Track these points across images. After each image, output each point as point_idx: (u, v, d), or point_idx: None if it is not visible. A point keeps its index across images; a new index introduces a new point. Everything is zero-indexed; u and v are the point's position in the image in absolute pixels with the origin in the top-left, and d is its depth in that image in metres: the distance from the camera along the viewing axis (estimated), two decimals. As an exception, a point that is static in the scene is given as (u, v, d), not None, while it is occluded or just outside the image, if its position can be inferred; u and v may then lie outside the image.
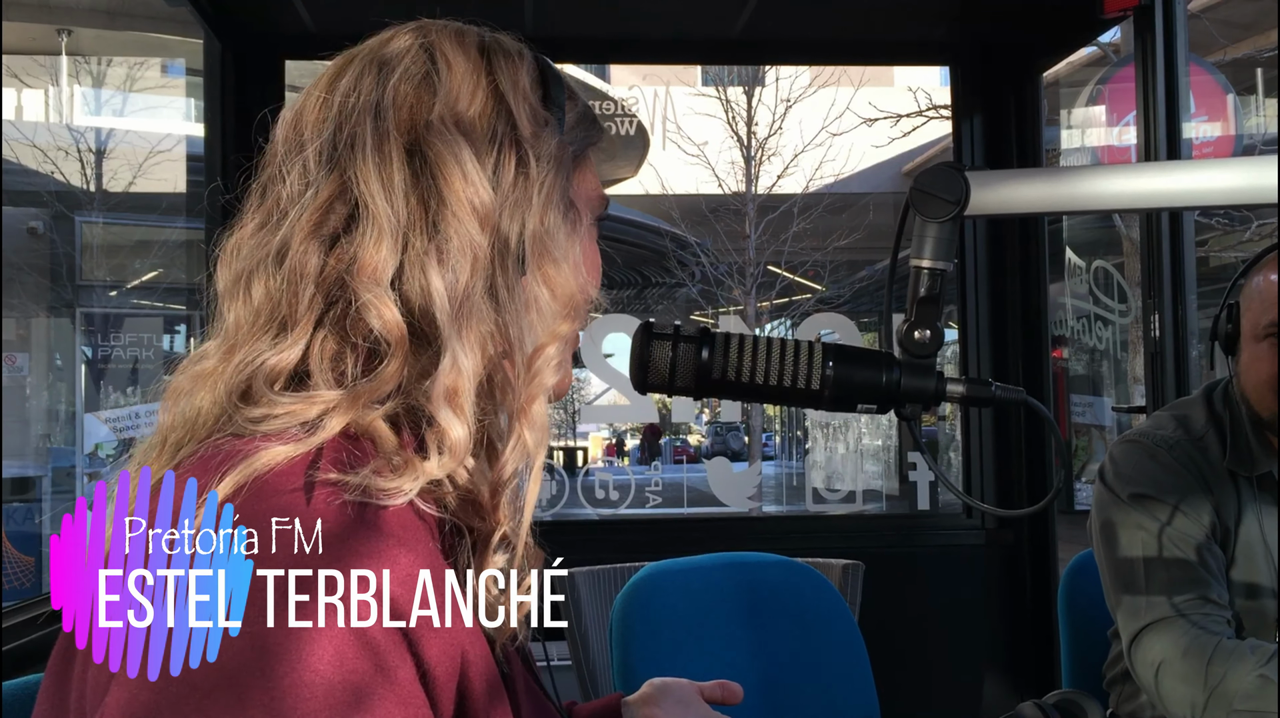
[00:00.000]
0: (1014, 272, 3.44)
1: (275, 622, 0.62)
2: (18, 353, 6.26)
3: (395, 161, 0.75)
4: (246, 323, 0.76)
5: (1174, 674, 1.57)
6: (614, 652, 1.74)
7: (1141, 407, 2.91)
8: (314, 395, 0.71)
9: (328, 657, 0.62)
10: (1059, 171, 0.90)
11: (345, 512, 0.66)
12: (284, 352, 0.73)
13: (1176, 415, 1.80)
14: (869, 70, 11.64)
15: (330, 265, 0.75)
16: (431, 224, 0.74)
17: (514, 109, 0.79)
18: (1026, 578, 3.37)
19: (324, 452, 0.68)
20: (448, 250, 0.74)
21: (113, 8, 7.42)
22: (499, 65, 0.81)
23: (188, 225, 6.08)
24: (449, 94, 0.78)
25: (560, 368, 0.77)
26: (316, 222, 0.75)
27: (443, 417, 0.71)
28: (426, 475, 0.70)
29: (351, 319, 0.74)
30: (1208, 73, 6.80)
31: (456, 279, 0.73)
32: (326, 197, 0.76)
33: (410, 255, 0.74)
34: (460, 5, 0.97)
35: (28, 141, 7.33)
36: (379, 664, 0.63)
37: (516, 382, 0.75)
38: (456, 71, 0.80)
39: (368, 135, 0.76)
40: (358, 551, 0.65)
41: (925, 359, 0.86)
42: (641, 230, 13.28)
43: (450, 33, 0.83)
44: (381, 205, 0.74)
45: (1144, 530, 1.68)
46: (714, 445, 18.71)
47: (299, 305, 0.74)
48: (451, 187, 0.75)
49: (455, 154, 0.75)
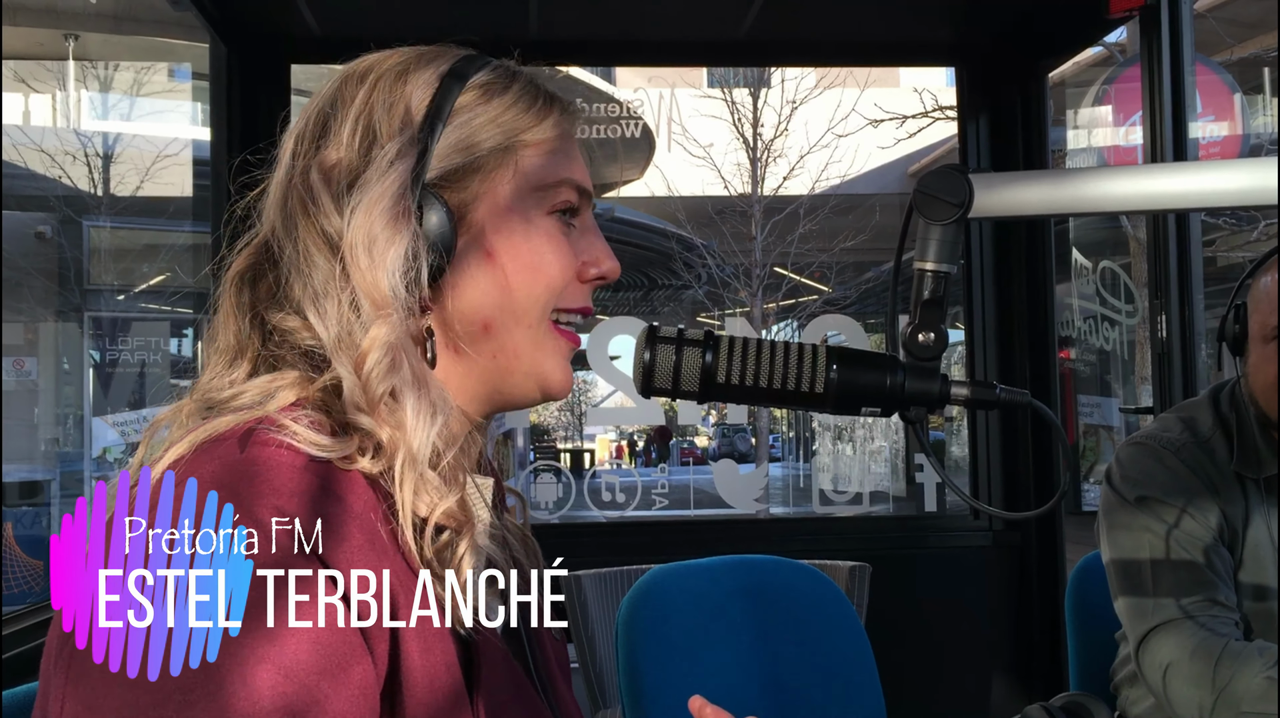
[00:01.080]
0: (1020, 273, 3.43)
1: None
2: (26, 357, 6.28)
3: (285, 208, 0.84)
4: (214, 359, 0.86)
5: (1182, 676, 1.56)
6: (620, 654, 1.74)
7: (1149, 407, 2.91)
8: (277, 376, 0.81)
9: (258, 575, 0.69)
10: (1062, 173, 0.90)
11: (265, 452, 0.73)
12: (236, 372, 0.83)
13: (1183, 418, 1.80)
14: (874, 71, 11.61)
15: (259, 301, 0.85)
16: (303, 266, 0.82)
17: (382, 135, 0.84)
18: (1034, 580, 3.36)
19: (273, 414, 0.77)
20: (314, 288, 0.81)
21: (119, 12, 7.44)
22: (380, 92, 0.86)
23: (195, 229, 6.10)
24: (332, 137, 0.85)
25: (394, 369, 0.80)
26: (247, 264, 0.86)
27: (364, 423, 0.78)
28: (357, 463, 0.77)
29: (285, 345, 0.83)
30: (1214, 72, 6.79)
31: (326, 311, 0.80)
32: (259, 242, 0.86)
33: (304, 294, 0.82)
34: (466, 11, 0.98)
35: (35, 146, 7.35)
36: (284, 563, 0.70)
37: (358, 388, 0.79)
38: (344, 112, 0.86)
39: (279, 185, 0.86)
40: (267, 483, 0.72)
41: (929, 362, 0.86)
42: (647, 232, 13.28)
43: (359, 69, 0.89)
44: (283, 248, 0.84)
45: (1151, 533, 1.68)
46: (721, 447, 18.70)
47: (241, 337, 0.85)
48: (305, 229, 0.83)
49: (314, 198, 0.83)
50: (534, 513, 4.08)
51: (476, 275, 0.85)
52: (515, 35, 3.09)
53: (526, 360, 0.87)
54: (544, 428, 20.03)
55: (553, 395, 0.90)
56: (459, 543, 0.78)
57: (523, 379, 0.88)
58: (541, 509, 4.14)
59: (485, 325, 0.86)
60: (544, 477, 4.38)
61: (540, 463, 4.47)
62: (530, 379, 0.88)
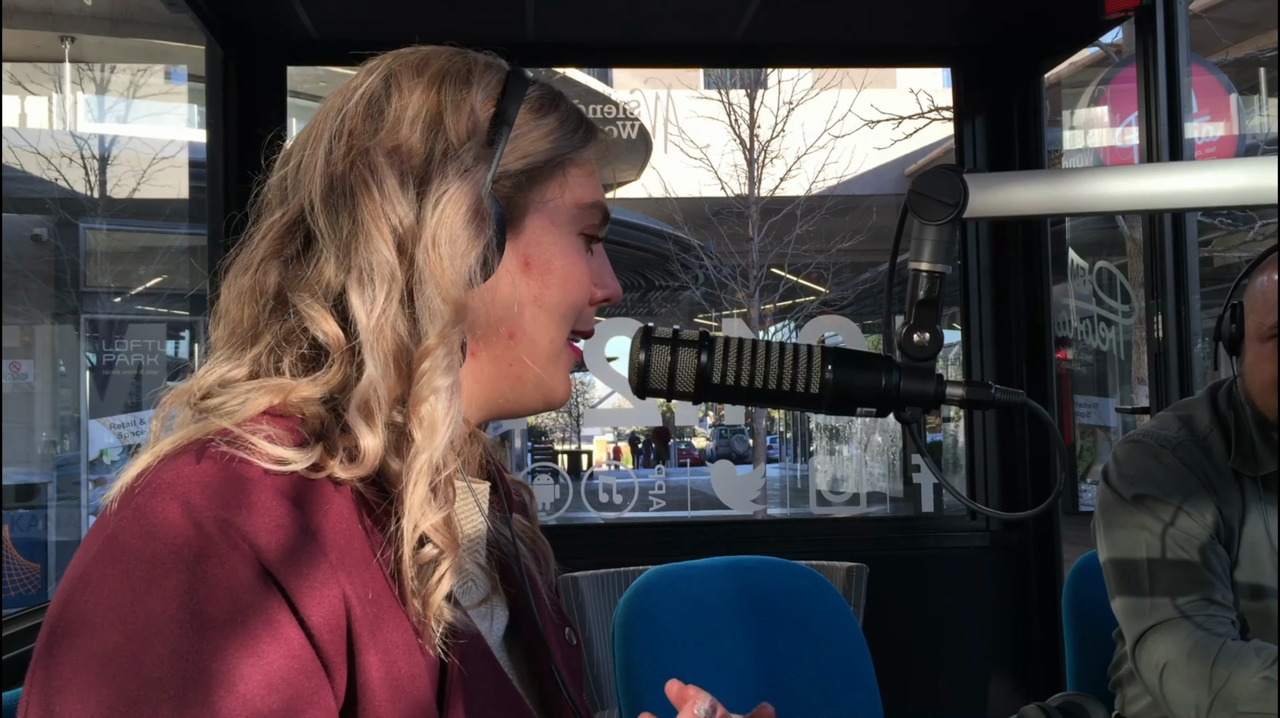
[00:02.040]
0: (1017, 273, 3.44)
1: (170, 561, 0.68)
2: (23, 360, 6.27)
3: (337, 189, 0.81)
4: (223, 341, 0.83)
5: (1178, 676, 1.56)
6: (616, 656, 1.74)
7: (1145, 407, 2.91)
8: (260, 383, 0.79)
9: (214, 597, 0.67)
10: (1057, 174, 0.90)
11: (230, 469, 0.71)
12: (237, 368, 0.80)
13: (1180, 416, 1.80)
14: (871, 72, 11.62)
15: (286, 284, 0.81)
16: (355, 250, 0.79)
17: (451, 131, 0.83)
18: (1031, 580, 3.36)
19: (240, 424, 0.75)
20: (368, 274, 0.79)
21: (116, 14, 7.44)
22: (447, 89, 0.85)
23: (191, 231, 6.10)
24: (395, 122, 0.83)
25: (450, 370, 0.79)
26: (276, 245, 0.82)
27: (358, 428, 0.76)
28: (328, 470, 0.75)
29: (296, 333, 0.80)
30: (1210, 73, 6.80)
31: (374, 301, 0.78)
32: (288, 220, 0.83)
33: (347, 278, 0.79)
34: (462, 13, 0.98)
35: (32, 149, 7.34)
36: (265, 618, 0.68)
37: (403, 386, 0.78)
38: (404, 99, 0.84)
39: (319, 163, 0.83)
40: (234, 501, 0.70)
41: (925, 362, 0.86)
42: (645, 234, 13.28)
43: (415, 60, 0.87)
44: (325, 228, 0.81)
45: (1147, 531, 1.68)
46: (718, 448, 18.70)
47: (259, 323, 0.82)
48: (367, 211, 0.80)
49: (376, 179, 0.80)
50: (532, 514, 4.07)
51: (512, 283, 0.85)
52: (512, 36, 3.09)
53: (538, 371, 0.88)
54: (541, 429, 20.03)
55: (553, 406, 0.91)
56: (440, 562, 0.76)
57: (531, 389, 0.88)
58: (539, 511, 4.13)
59: (510, 333, 0.86)
60: (541, 478, 4.38)
61: (538, 464, 4.47)
62: (538, 390, 0.89)
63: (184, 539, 0.68)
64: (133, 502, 0.70)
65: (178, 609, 0.66)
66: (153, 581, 0.67)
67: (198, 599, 0.67)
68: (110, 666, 0.66)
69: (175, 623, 0.66)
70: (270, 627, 0.68)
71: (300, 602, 0.70)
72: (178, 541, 0.68)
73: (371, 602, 0.73)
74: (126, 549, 0.68)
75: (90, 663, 0.66)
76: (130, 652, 0.66)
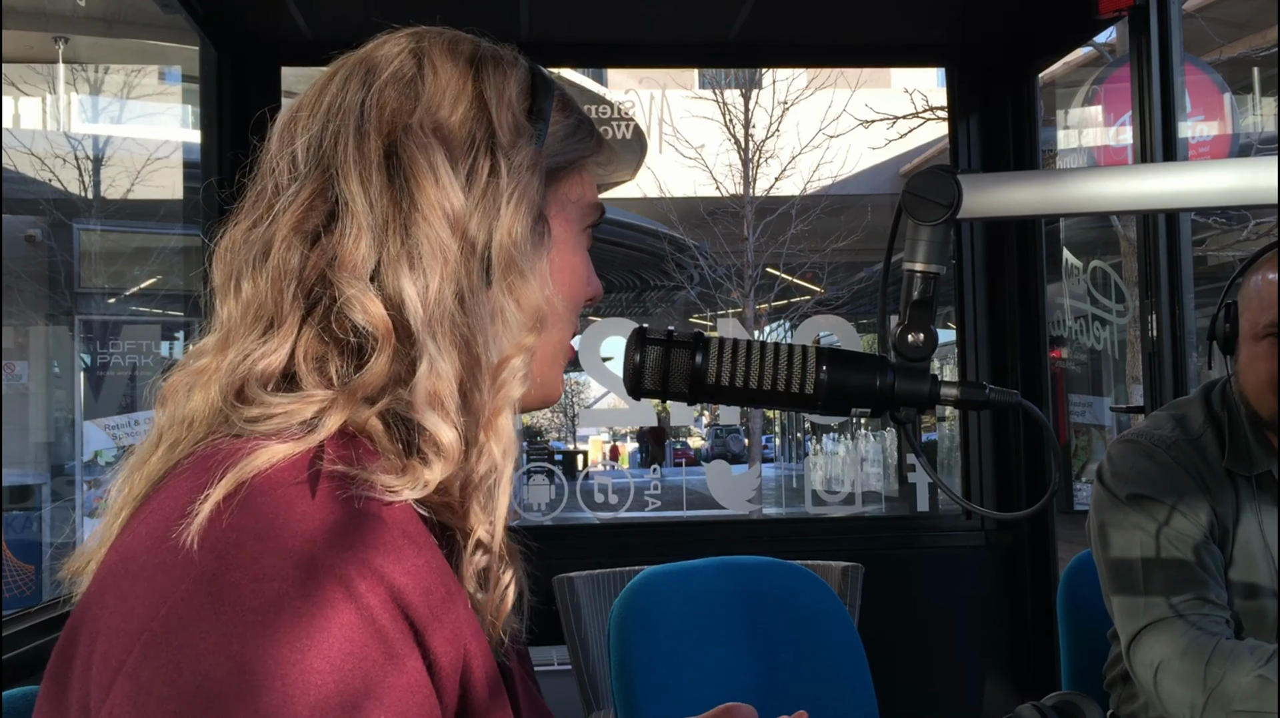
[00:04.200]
0: (1012, 272, 3.44)
1: (285, 612, 0.62)
2: (16, 361, 6.26)
3: (374, 162, 0.76)
4: (237, 319, 0.77)
5: (1173, 675, 1.57)
6: (612, 656, 1.74)
7: (1140, 406, 2.91)
8: (309, 395, 0.72)
9: (338, 644, 0.62)
10: (1050, 174, 0.90)
11: (351, 507, 0.66)
12: (272, 354, 0.74)
13: (1174, 415, 1.80)
14: (866, 72, 11.64)
15: (312, 262, 0.75)
16: (404, 227, 0.75)
17: (495, 119, 0.80)
18: (1026, 579, 3.37)
19: (324, 449, 0.69)
20: (419, 254, 0.74)
21: (109, 15, 7.42)
22: (486, 74, 0.82)
23: (185, 232, 6.09)
24: (431, 99, 0.79)
25: (526, 379, 0.77)
26: (299, 218, 0.76)
27: (430, 422, 0.72)
28: (426, 480, 0.70)
29: (336, 316, 0.74)
30: (1204, 72, 6.82)
31: (428, 283, 0.74)
32: (309, 193, 0.77)
33: (386, 256, 0.74)
34: (456, 10, 0.98)
35: (25, 149, 7.33)
36: (389, 652, 0.64)
37: (483, 393, 0.75)
38: (441, 78, 0.80)
39: (350, 135, 0.78)
40: (365, 542, 0.65)
41: (919, 362, 0.86)
42: (639, 234, 13.30)
43: (444, 40, 0.83)
44: (360, 203, 0.75)
45: (1142, 531, 1.68)
46: (714, 448, 18.72)
47: (284, 303, 0.75)
48: (424, 191, 0.75)
49: (430, 159, 0.76)
50: (527, 515, 4.08)
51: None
52: (507, 37, 3.09)
53: (544, 370, 0.86)
54: (537, 429, 20.04)
55: (549, 404, 0.90)
56: (505, 572, 0.75)
57: (535, 388, 0.86)
58: (534, 511, 4.14)
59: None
60: (537, 478, 4.38)
61: (533, 464, 4.47)
62: (541, 389, 0.87)
63: (318, 589, 0.63)
64: (235, 538, 0.64)
65: (288, 653, 0.62)
66: (280, 627, 0.62)
67: (342, 657, 0.63)
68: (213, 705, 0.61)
69: (287, 665, 0.62)
70: (401, 671, 0.65)
71: (430, 644, 0.67)
72: (311, 588, 0.63)
73: (471, 622, 0.71)
74: (238, 595, 0.63)
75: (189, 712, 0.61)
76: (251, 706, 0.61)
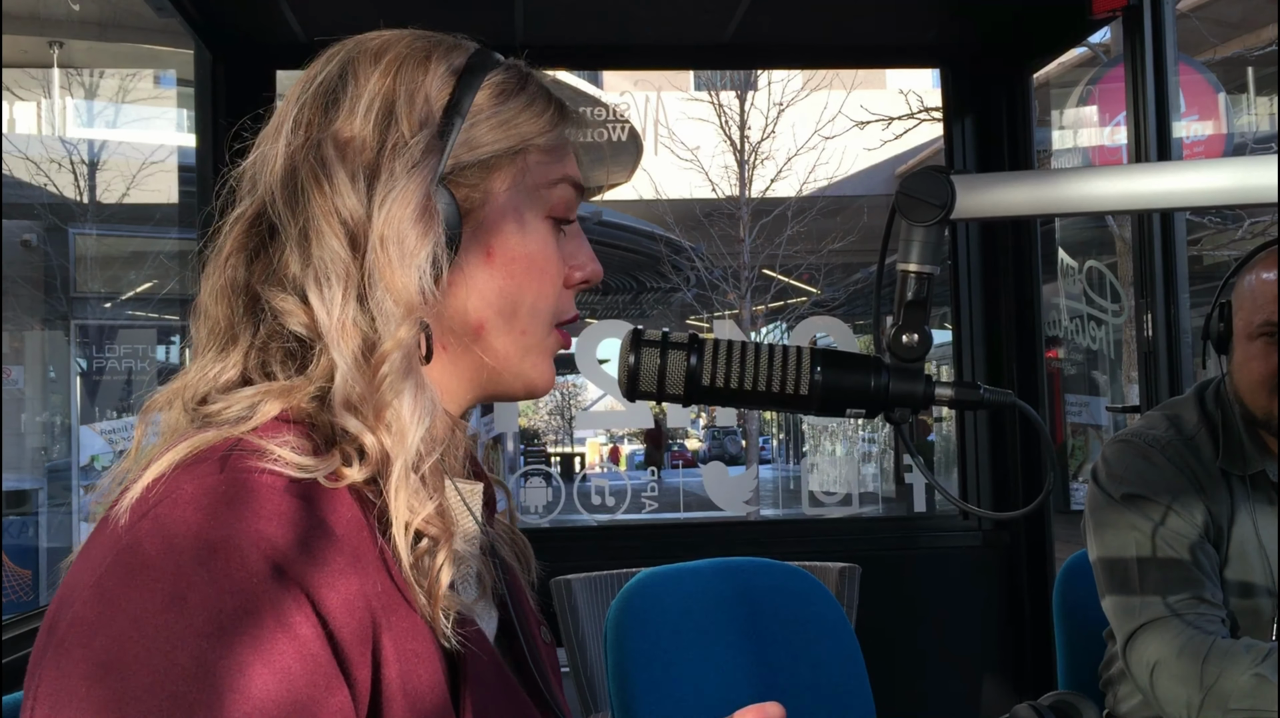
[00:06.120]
0: (1007, 273, 3.45)
1: (150, 580, 0.67)
2: (12, 366, 6.24)
3: (281, 179, 0.81)
4: (204, 338, 0.83)
5: (1169, 674, 1.57)
6: (609, 658, 1.74)
7: (1135, 406, 2.92)
8: (263, 387, 0.78)
9: (198, 605, 0.66)
10: (1044, 174, 0.90)
11: (231, 477, 0.71)
12: (229, 369, 0.80)
13: (1169, 415, 1.81)
14: (861, 73, 11.66)
15: (254, 278, 0.81)
16: (307, 239, 0.79)
17: (399, 119, 0.82)
18: (1023, 579, 3.37)
19: (256, 431, 0.75)
20: (323, 263, 0.78)
21: (104, 19, 7.41)
22: (403, 75, 0.83)
23: (181, 236, 6.07)
24: (345, 112, 0.82)
25: (408, 373, 0.78)
26: (243, 238, 0.82)
27: (350, 424, 0.76)
28: (342, 471, 0.75)
29: (275, 329, 0.79)
30: (1198, 72, 6.83)
31: (332, 297, 0.77)
32: (251, 213, 0.82)
33: (302, 269, 0.79)
34: (451, 14, 0.98)
35: (20, 154, 7.31)
36: (278, 615, 0.68)
37: (365, 388, 0.77)
38: (360, 86, 0.83)
39: (278, 154, 0.82)
40: (232, 509, 0.69)
41: (913, 363, 0.86)
42: (635, 235, 13.30)
43: (374, 46, 0.86)
44: (285, 221, 0.80)
45: (1137, 530, 1.68)
46: (711, 450, 18.70)
47: (234, 319, 0.81)
48: (315, 202, 0.79)
49: (326, 171, 0.79)
50: (524, 517, 4.07)
51: (475, 275, 0.84)
52: (501, 40, 3.09)
53: (515, 364, 0.87)
54: (533, 432, 20.01)
55: (535, 395, 0.90)
56: (438, 552, 0.76)
57: (511, 379, 0.88)
58: (531, 513, 4.13)
59: (478, 327, 0.84)
60: (534, 480, 4.37)
61: (530, 467, 4.47)
62: (518, 381, 0.88)
63: (209, 553, 0.67)
64: (151, 512, 0.69)
65: (204, 623, 0.66)
66: (177, 594, 0.66)
67: (221, 611, 0.66)
68: (126, 679, 0.65)
69: (201, 637, 0.65)
70: (283, 626, 0.68)
71: (318, 597, 0.69)
72: (203, 554, 0.67)
73: (381, 594, 0.73)
74: (148, 563, 0.67)
75: (100, 675, 0.65)
76: (150, 665, 0.65)
